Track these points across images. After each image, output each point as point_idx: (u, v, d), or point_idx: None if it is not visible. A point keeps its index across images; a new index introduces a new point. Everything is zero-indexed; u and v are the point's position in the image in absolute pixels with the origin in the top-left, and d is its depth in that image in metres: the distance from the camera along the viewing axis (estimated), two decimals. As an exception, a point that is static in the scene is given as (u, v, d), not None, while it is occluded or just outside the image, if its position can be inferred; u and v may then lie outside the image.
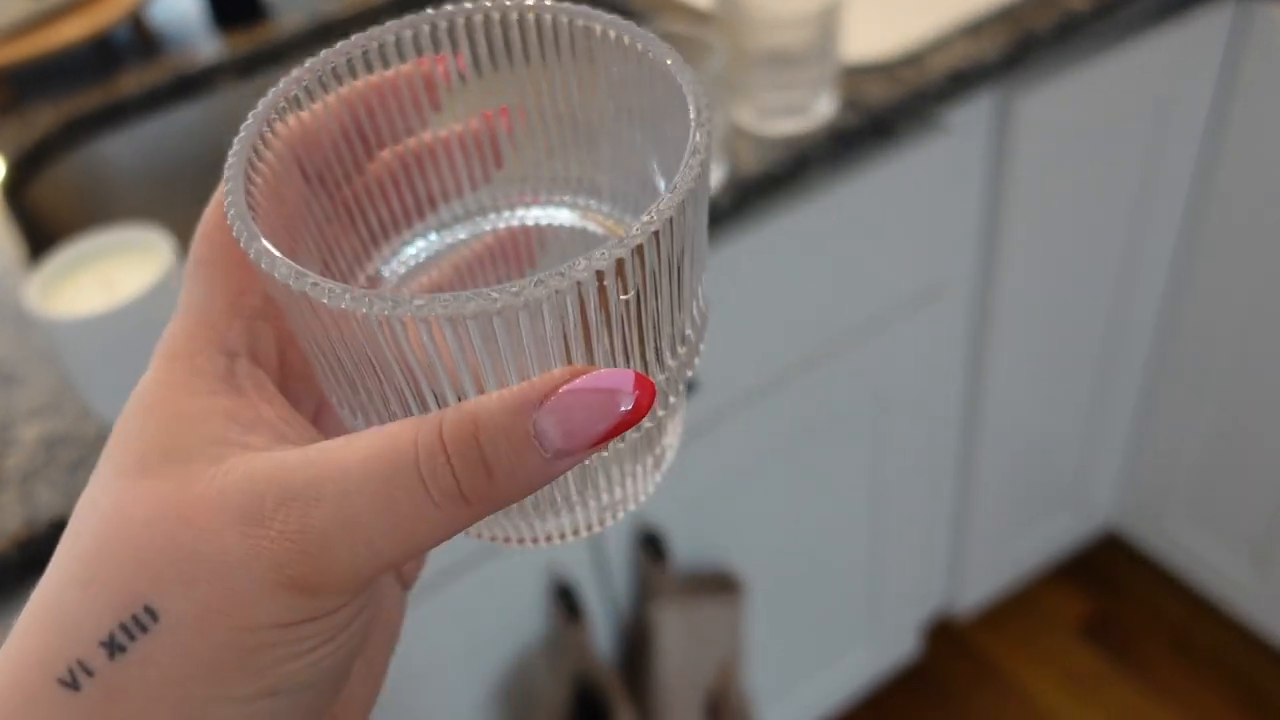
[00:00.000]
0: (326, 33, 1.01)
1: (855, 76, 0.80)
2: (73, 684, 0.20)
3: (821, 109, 0.76)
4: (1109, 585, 1.43)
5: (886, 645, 1.28)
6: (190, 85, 0.98)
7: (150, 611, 0.20)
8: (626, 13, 0.93)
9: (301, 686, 0.21)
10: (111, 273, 0.56)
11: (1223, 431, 1.22)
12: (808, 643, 1.16)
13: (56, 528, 0.57)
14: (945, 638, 1.40)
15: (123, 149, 0.96)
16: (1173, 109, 1.02)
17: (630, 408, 0.20)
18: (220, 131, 1.00)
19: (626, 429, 0.20)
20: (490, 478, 0.20)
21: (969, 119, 0.87)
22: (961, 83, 0.80)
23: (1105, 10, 0.86)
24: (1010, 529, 1.31)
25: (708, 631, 0.93)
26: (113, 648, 0.20)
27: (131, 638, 0.20)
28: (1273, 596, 1.26)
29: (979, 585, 1.36)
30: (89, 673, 0.20)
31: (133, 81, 0.96)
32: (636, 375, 0.20)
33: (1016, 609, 1.42)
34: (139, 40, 1.01)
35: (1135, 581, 1.43)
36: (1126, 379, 1.25)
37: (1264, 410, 1.16)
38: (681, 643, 0.91)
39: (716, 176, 0.72)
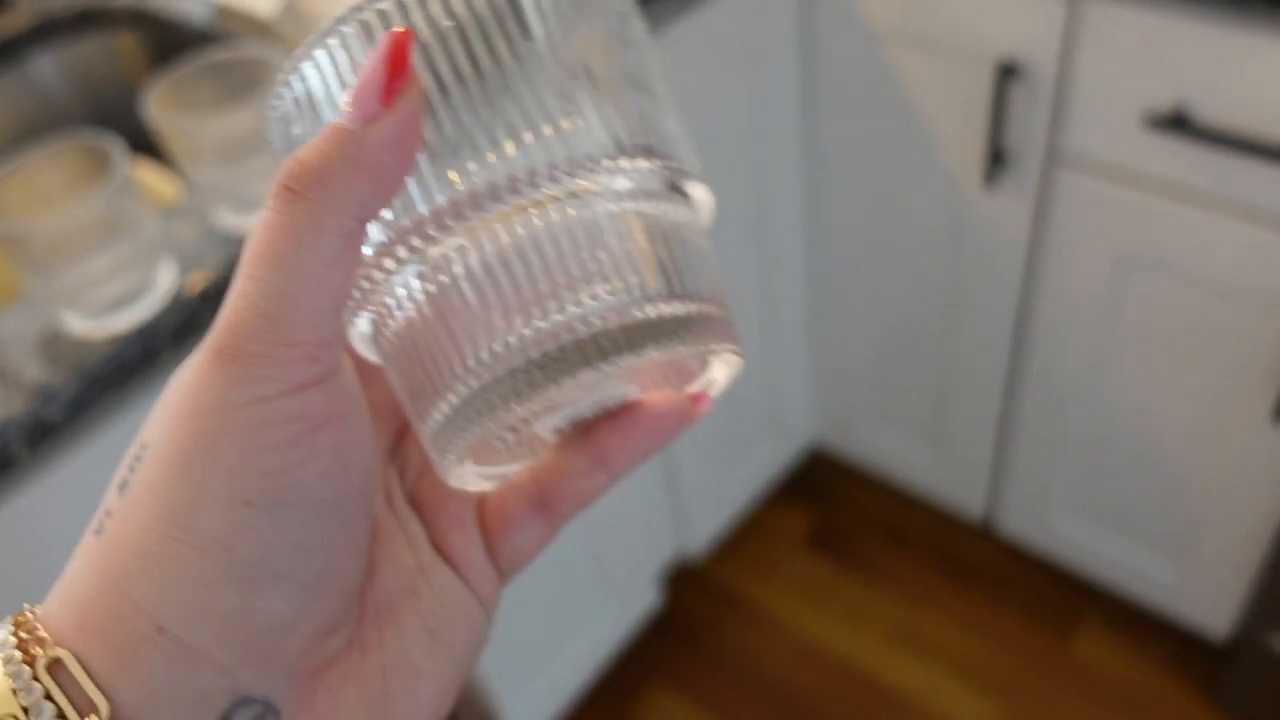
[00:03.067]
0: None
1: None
2: (99, 530, 0.22)
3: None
4: (823, 497, 1.55)
5: (628, 602, 1.33)
6: None
7: (144, 445, 0.22)
8: (210, 36, 0.92)
9: (277, 502, 0.21)
10: None
11: (880, 337, 1.34)
12: (545, 622, 1.19)
13: None
14: (687, 581, 1.47)
15: None
16: (766, 58, 1.10)
17: (386, 46, 0.22)
18: None
19: (397, 65, 0.21)
20: (304, 164, 0.21)
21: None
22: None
23: (672, -24, 0.92)
24: (722, 467, 1.39)
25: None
26: (123, 487, 0.22)
27: (133, 471, 0.22)
28: (952, 472, 1.40)
29: (706, 525, 1.43)
30: (109, 514, 0.22)
31: None
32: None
33: (746, 538, 1.51)
34: None
35: (844, 488, 1.55)
36: (791, 305, 1.35)
37: (905, 310, 1.28)
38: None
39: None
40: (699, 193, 0.26)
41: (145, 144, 0.86)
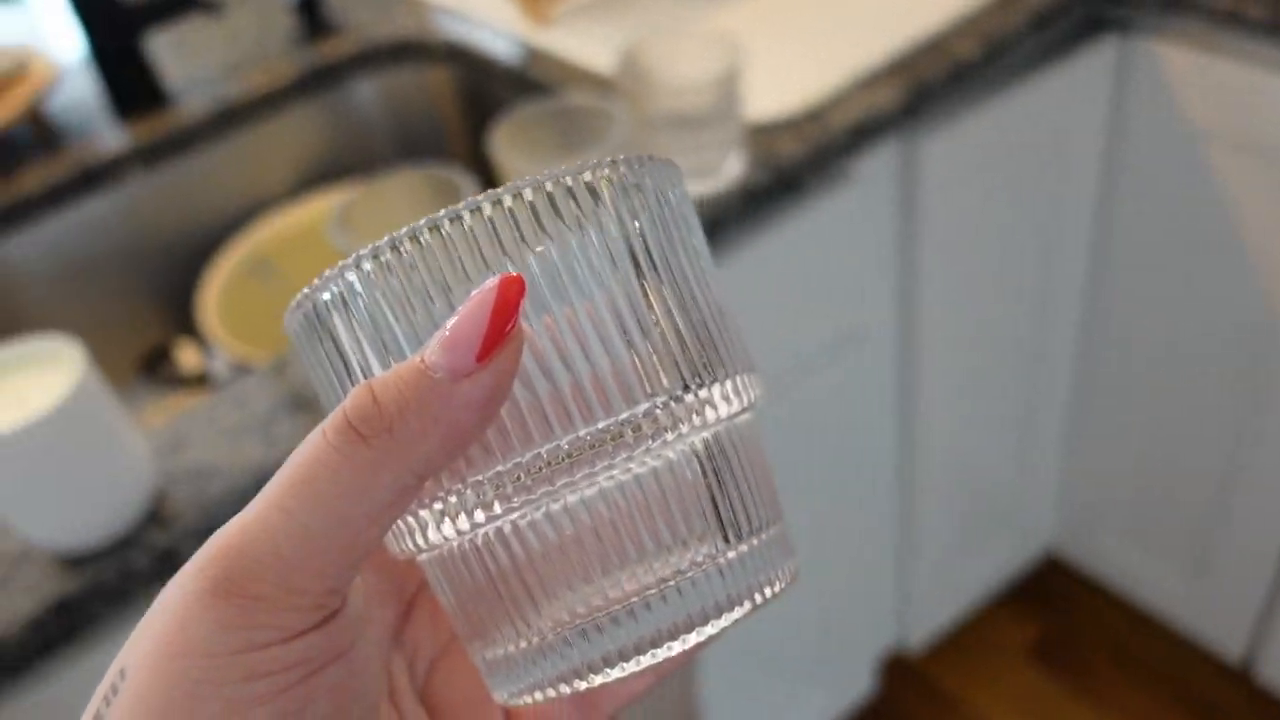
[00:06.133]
0: (230, 117, 1.00)
1: (761, 135, 0.81)
2: None
3: (731, 169, 0.77)
4: (1054, 607, 1.45)
5: (843, 686, 1.28)
6: (95, 178, 0.96)
7: (122, 672, 0.20)
8: (535, 85, 0.94)
9: None
10: (22, 386, 0.54)
11: (1148, 448, 1.25)
12: (762, 693, 1.16)
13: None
14: (900, 673, 1.40)
15: (26, 250, 0.94)
16: (1070, 143, 1.05)
17: (495, 298, 0.19)
18: (128, 224, 0.98)
19: (503, 323, 0.19)
20: (378, 405, 0.19)
21: (875, 168, 0.89)
22: (864, 134, 0.82)
23: (994, 55, 0.89)
24: (955, 560, 1.32)
25: (658, 691, 0.93)
26: None
27: (108, 704, 0.20)
28: (1210, 603, 1.29)
29: (929, 618, 1.37)
30: None
31: (34, 178, 0.94)
32: (503, 275, 0.19)
33: (968, 638, 1.43)
34: (38, 136, 0.99)
35: (1078, 602, 1.45)
36: (1052, 404, 1.28)
37: (1184, 425, 1.19)
38: (633, 707, 0.90)
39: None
40: (757, 391, 0.25)
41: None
